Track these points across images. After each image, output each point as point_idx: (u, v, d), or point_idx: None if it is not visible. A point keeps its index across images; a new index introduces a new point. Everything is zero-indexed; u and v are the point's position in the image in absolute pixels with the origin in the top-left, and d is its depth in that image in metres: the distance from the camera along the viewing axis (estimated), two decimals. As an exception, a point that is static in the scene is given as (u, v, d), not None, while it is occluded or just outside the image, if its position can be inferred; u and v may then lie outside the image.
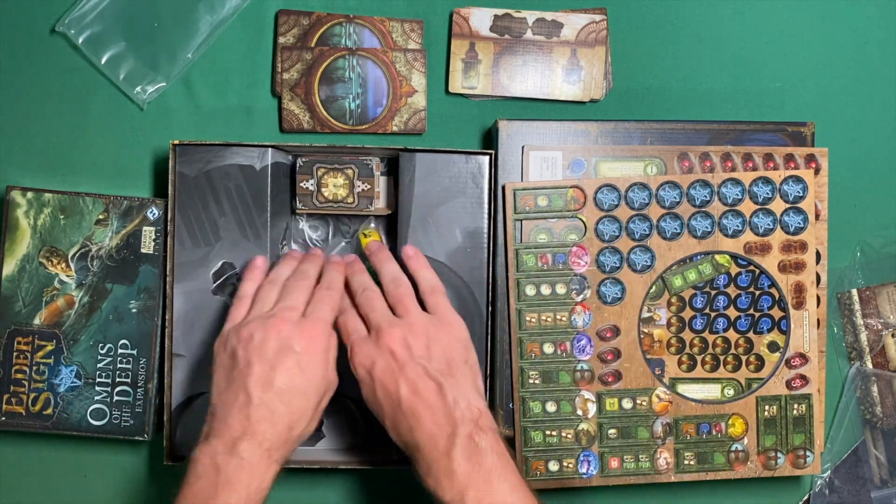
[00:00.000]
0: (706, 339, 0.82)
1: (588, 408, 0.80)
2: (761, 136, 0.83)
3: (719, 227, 0.80)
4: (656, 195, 0.80)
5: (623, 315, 0.80)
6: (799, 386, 0.81)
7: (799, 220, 0.80)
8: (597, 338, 0.80)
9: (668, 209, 0.80)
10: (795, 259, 0.80)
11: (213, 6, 0.86)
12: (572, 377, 0.80)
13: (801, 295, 0.81)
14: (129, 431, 0.82)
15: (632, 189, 0.80)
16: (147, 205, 0.83)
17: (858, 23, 0.88)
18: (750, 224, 0.80)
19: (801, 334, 0.81)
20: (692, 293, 0.82)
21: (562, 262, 0.79)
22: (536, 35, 0.86)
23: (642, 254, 0.80)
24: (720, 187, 0.80)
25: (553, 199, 0.79)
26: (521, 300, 0.79)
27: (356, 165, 0.82)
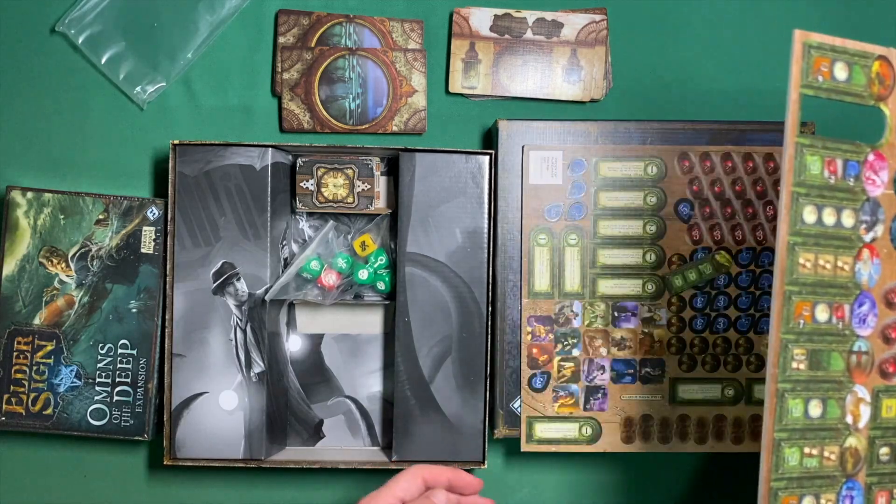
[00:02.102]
0: (706, 339, 0.82)
1: (861, 412, 0.54)
2: (761, 136, 0.83)
3: None
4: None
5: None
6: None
7: None
8: (882, 301, 0.54)
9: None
10: None
11: (213, 6, 0.86)
12: (847, 362, 0.53)
13: None
14: (129, 431, 0.82)
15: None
16: (147, 205, 0.83)
17: (858, 23, 0.88)
18: None
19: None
20: (692, 293, 0.82)
21: (853, 175, 0.55)
22: (536, 35, 0.86)
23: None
24: None
25: (854, 73, 0.56)
26: (797, 230, 0.52)
27: (356, 165, 0.82)
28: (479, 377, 0.81)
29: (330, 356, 0.86)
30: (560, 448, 0.82)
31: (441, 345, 0.80)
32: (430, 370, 0.80)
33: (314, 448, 0.85)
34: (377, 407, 0.86)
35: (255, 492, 0.87)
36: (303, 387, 0.86)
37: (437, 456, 0.80)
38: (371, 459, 0.82)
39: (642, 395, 0.82)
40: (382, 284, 0.83)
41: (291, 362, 0.86)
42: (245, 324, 0.80)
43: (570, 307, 0.82)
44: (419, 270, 0.80)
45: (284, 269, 0.82)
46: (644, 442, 0.83)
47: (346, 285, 0.83)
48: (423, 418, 0.80)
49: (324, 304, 0.83)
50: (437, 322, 0.80)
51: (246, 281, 0.80)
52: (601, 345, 0.82)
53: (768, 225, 0.82)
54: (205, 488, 0.87)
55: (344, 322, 0.86)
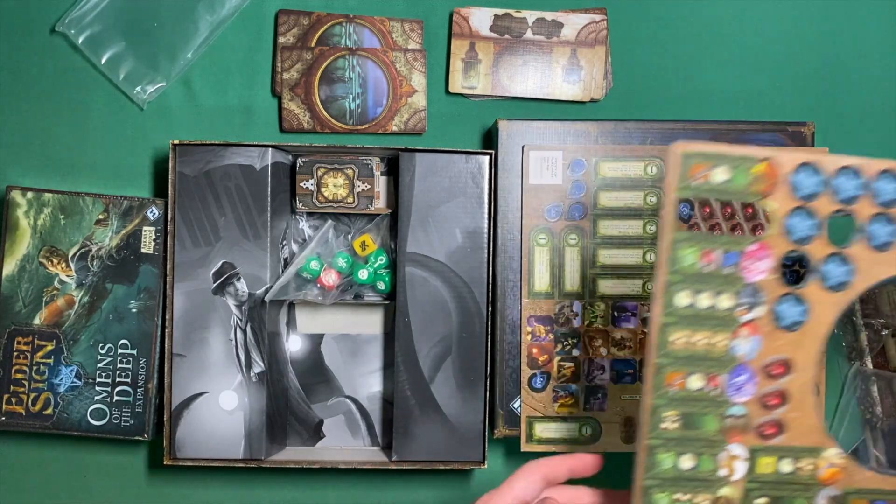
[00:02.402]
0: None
1: (735, 467, 0.59)
2: (761, 136, 0.83)
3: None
4: (871, 186, 0.58)
5: (801, 346, 0.58)
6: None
7: None
8: (762, 373, 0.59)
9: (883, 207, 0.58)
10: None
11: (213, 6, 0.86)
12: (720, 424, 0.59)
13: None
14: (129, 431, 0.82)
15: (841, 174, 0.58)
16: (147, 205, 0.83)
17: (858, 23, 0.88)
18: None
19: None
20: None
21: (732, 263, 0.59)
22: (536, 35, 0.86)
23: (840, 265, 0.59)
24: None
25: (735, 175, 0.58)
26: (670, 311, 0.58)
27: (356, 165, 0.82)
28: (479, 377, 0.81)
29: (330, 356, 0.86)
30: (560, 448, 0.82)
31: (441, 345, 0.80)
32: (430, 370, 0.80)
33: (314, 448, 0.85)
34: (377, 407, 0.86)
35: (255, 492, 0.87)
36: (303, 387, 0.86)
37: (437, 456, 0.80)
38: (371, 459, 0.82)
39: (642, 395, 0.82)
40: (382, 284, 0.83)
41: (291, 362, 0.86)
42: (245, 324, 0.80)
43: (570, 307, 0.82)
44: (419, 270, 0.80)
45: (284, 269, 0.82)
46: (644, 442, 0.83)
47: (346, 285, 0.83)
48: (423, 418, 0.80)
49: (324, 303, 0.83)
50: (437, 322, 0.80)
51: (246, 281, 0.80)
52: (601, 345, 0.82)
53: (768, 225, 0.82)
54: (205, 488, 0.87)
55: (344, 322, 0.86)
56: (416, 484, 0.87)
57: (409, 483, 0.87)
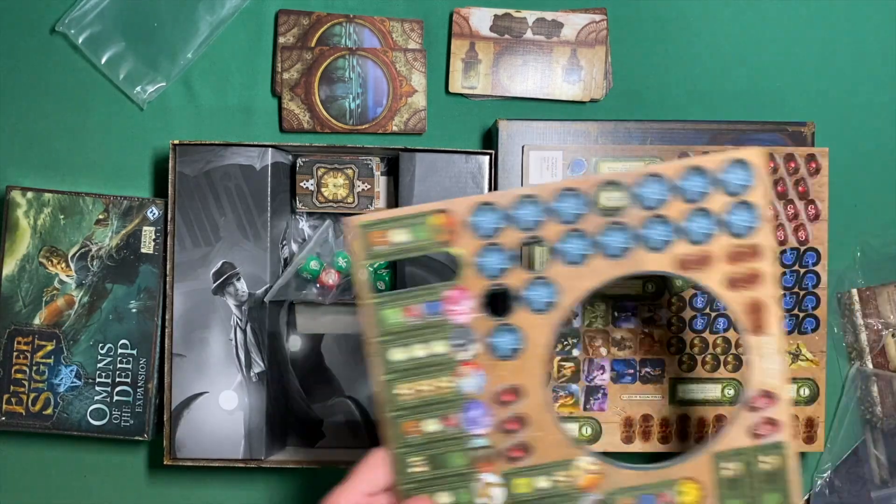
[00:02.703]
0: (706, 339, 0.82)
1: (492, 494, 0.62)
2: (761, 136, 0.83)
3: (640, 240, 0.62)
4: (551, 209, 0.62)
5: (525, 370, 0.61)
6: (767, 433, 0.62)
7: (747, 218, 0.61)
8: (494, 404, 0.62)
9: (568, 224, 0.62)
10: (748, 270, 0.62)
11: (213, 6, 0.86)
12: (468, 458, 0.62)
13: (760, 316, 0.62)
14: (129, 431, 0.82)
15: (519, 205, 0.62)
16: (147, 205, 0.83)
17: (858, 23, 0.88)
18: (681, 231, 0.62)
19: (766, 367, 0.62)
20: (692, 293, 0.82)
21: (435, 311, 0.61)
22: (536, 35, 0.86)
23: (541, 288, 0.62)
24: (633, 188, 0.62)
25: (415, 231, 0.61)
26: (389, 370, 0.61)
27: (356, 165, 0.82)
28: (479, 377, 0.81)
29: (330, 356, 0.86)
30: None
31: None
32: (430, 370, 0.80)
33: (314, 448, 0.85)
34: (377, 407, 0.86)
35: (255, 492, 0.87)
36: (303, 387, 0.86)
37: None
38: (371, 459, 0.82)
39: (642, 395, 0.82)
40: (382, 284, 0.83)
41: (291, 362, 0.86)
42: (245, 324, 0.80)
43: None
44: (419, 270, 0.80)
45: (284, 269, 0.82)
46: (644, 442, 0.83)
47: (346, 285, 0.83)
48: (423, 418, 0.80)
49: (324, 303, 0.83)
50: (437, 322, 0.80)
51: (246, 281, 0.80)
52: (601, 345, 0.82)
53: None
54: (205, 488, 0.87)
55: (344, 322, 0.86)
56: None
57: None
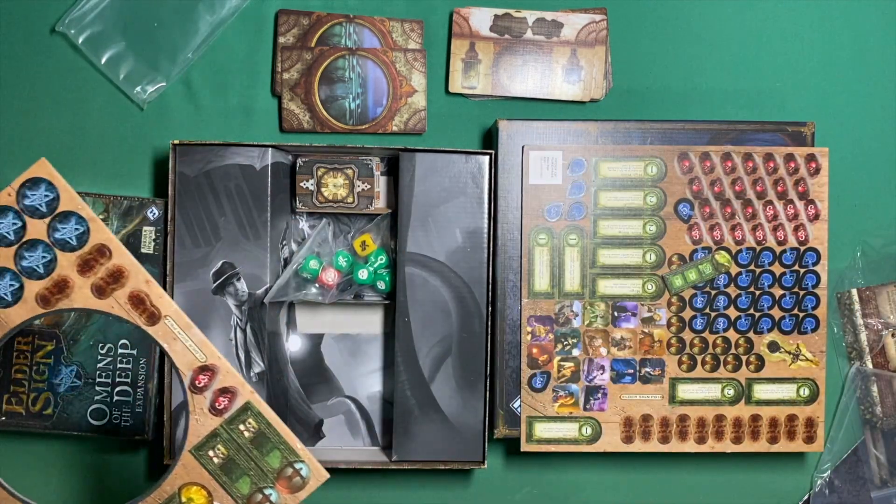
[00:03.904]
0: (706, 339, 0.82)
1: None
2: (761, 136, 0.83)
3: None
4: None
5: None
6: (228, 403, 0.62)
7: (74, 225, 0.61)
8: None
9: None
10: (107, 271, 0.61)
11: (213, 6, 0.86)
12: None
13: (146, 305, 0.62)
14: (129, 431, 0.82)
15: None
16: (147, 205, 0.83)
17: (858, 23, 0.88)
18: (23, 272, 0.61)
19: (182, 346, 0.61)
20: (692, 293, 0.82)
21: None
22: (536, 35, 0.86)
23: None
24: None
25: None
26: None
27: (356, 165, 0.82)
28: (479, 377, 0.81)
29: (330, 356, 0.86)
30: (560, 448, 0.82)
31: (441, 345, 0.80)
32: (430, 370, 0.80)
33: (314, 448, 0.85)
34: (377, 407, 0.86)
35: (255, 492, 0.87)
36: (303, 387, 0.86)
37: (438, 456, 0.80)
38: (371, 459, 0.82)
39: (642, 395, 0.82)
40: (382, 284, 0.83)
41: (291, 362, 0.86)
42: (245, 324, 0.80)
43: (570, 307, 0.82)
44: (419, 270, 0.80)
45: (284, 268, 0.82)
46: (644, 442, 0.83)
47: (346, 284, 0.83)
48: (423, 418, 0.80)
49: (323, 302, 0.83)
50: (437, 322, 0.80)
51: (246, 281, 0.80)
52: (601, 345, 0.82)
53: (768, 225, 0.82)
54: (205, 488, 0.87)
55: (344, 322, 0.86)
56: (416, 484, 0.87)
57: (409, 483, 0.87)
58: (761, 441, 0.82)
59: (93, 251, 0.61)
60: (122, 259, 0.61)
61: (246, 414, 0.61)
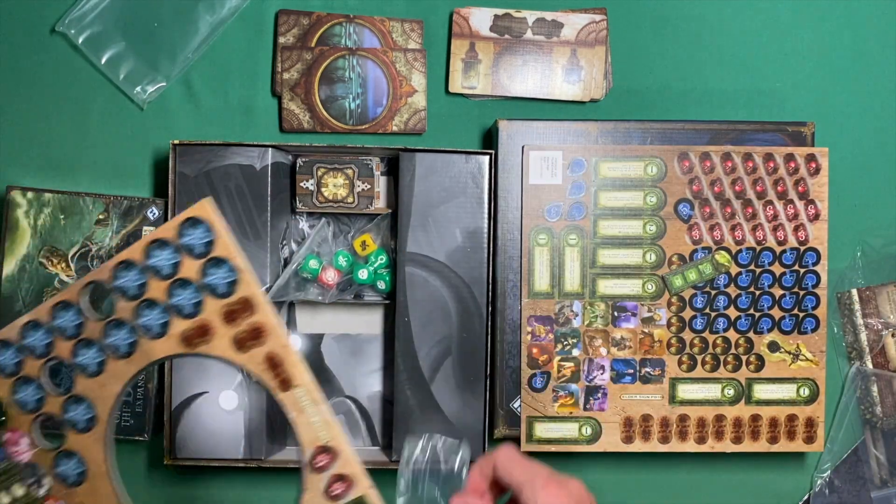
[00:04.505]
0: (706, 339, 0.82)
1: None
2: (761, 136, 0.83)
3: (140, 330, 0.61)
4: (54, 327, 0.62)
5: (98, 491, 0.62)
6: (343, 490, 0.59)
7: (224, 274, 0.60)
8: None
9: (74, 337, 0.62)
10: (248, 325, 0.60)
11: (213, 6, 0.86)
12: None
13: (281, 369, 0.60)
14: (129, 431, 0.82)
15: (26, 334, 0.63)
16: (147, 205, 0.83)
17: (858, 23, 0.88)
18: (172, 308, 0.61)
19: (308, 421, 0.60)
20: (692, 293, 0.82)
21: (1, 458, 0.63)
22: (536, 35, 0.86)
23: (77, 406, 0.62)
24: (115, 280, 0.62)
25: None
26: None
27: (356, 165, 0.82)
28: (479, 377, 0.81)
29: (330, 356, 0.86)
30: (560, 448, 0.82)
31: (441, 345, 0.80)
32: (430, 370, 0.80)
33: (314, 448, 0.85)
34: (377, 407, 0.86)
35: (255, 492, 0.87)
36: (303, 387, 0.86)
37: (437, 456, 0.80)
38: (371, 459, 0.82)
39: (642, 395, 0.82)
40: (383, 284, 0.83)
41: (291, 362, 0.86)
42: (245, 324, 0.80)
43: (570, 307, 0.82)
44: (419, 270, 0.80)
45: (284, 269, 0.82)
46: (644, 442, 0.83)
47: (346, 284, 0.83)
48: (423, 418, 0.80)
49: (323, 302, 0.83)
50: (437, 322, 0.80)
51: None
52: (601, 345, 0.82)
53: (768, 225, 0.82)
54: (205, 488, 0.87)
55: (344, 322, 0.86)
56: (416, 484, 0.87)
57: (409, 483, 0.87)
58: (761, 441, 0.82)
59: (239, 302, 0.60)
60: (266, 317, 0.59)
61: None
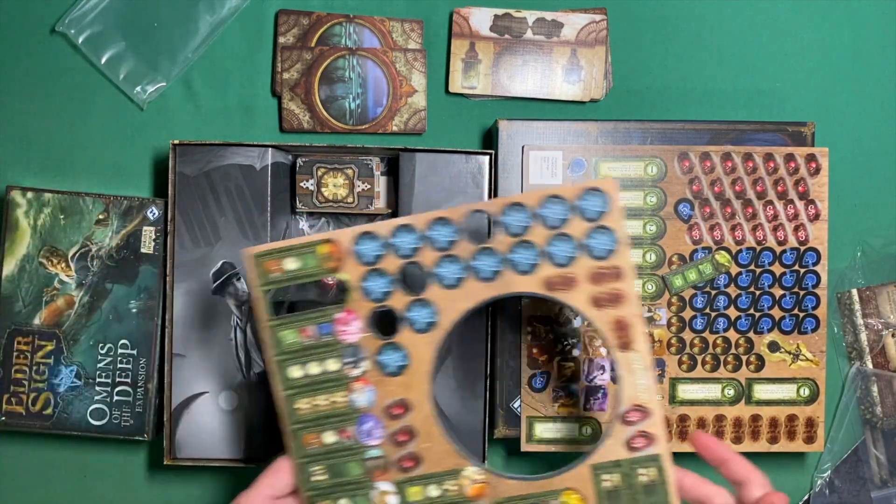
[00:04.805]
0: (706, 339, 0.82)
1: (387, 501, 0.67)
2: (761, 136, 0.83)
3: (509, 264, 0.67)
4: (426, 237, 0.67)
5: (412, 385, 0.67)
6: (643, 446, 0.65)
7: (607, 241, 0.66)
8: (385, 417, 0.67)
9: (443, 251, 0.67)
10: (610, 290, 0.66)
11: (213, 6, 0.86)
12: (364, 467, 0.67)
13: (626, 333, 0.66)
14: (129, 431, 0.82)
15: (396, 234, 0.67)
16: (147, 205, 0.83)
17: (858, 23, 0.88)
18: (546, 255, 0.67)
19: (635, 382, 0.66)
20: (692, 293, 0.82)
21: (327, 332, 0.67)
22: (536, 35, 0.86)
23: (422, 309, 0.67)
24: (501, 217, 0.67)
25: (305, 260, 0.67)
26: (288, 386, 0.67)
27: (356, 165, 0.82)
28: (479, 377, 0.81)
29: (330, 356, 0.86)
30: (560, 448, 0.82)
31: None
32: (430, 370, 0.80)
33: (314, 448, 0.85)
34: (377, 407, 0.86)
35: (255, 492, 0.87)
36: (303, 387, 0.86)
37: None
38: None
39: (642, 395, 0.82)
40: (382, 284, 0.83)
41: (291, 362, 0.86)
42: (245, 324, 0.80)
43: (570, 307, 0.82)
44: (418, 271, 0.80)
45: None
46: (644, 442, 0.83)
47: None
48: (423, 418, 0.80)
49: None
50: (437, 322, 0.80)
51: (246, 281, 0.80)
52: (601, 345, 0.82)
53: (768, 225, 0.82)
54: (205, 488, 0.87)
55: (344, 322, 0.86)
56: (416, 484, 0.87)
57: (409, 483, 0.87)
58: (761, 441, 0.82)
59: (610, 268, 0.66)
60: (629, 288, 0.66)
61: (651, 462, 0.65)
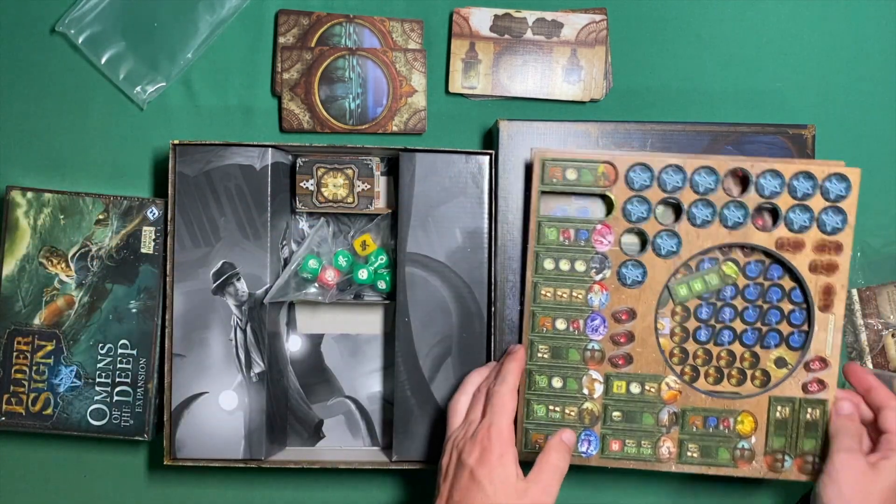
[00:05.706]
0: (710, 351, 0.79)
1: (595, 388, 0.78)
2: (762, 138, 0.83)
3: (752, 218, 0.77)
4: (691, 179, 0.76)
5: (641, 299, 0.77)
6: (816, 391, 0.77)
7: (838, 221, 0.76)
8: (612, 319, 0.78)
9: (701, 195, 0.77)
10: (828, 260, 0.77)
11: (213, 6, 0.86)
12: (582, 356, 0.78)
13: (830, 297, 0.77)
14: (129, 431, 0.82)
15: (666, 171, 0.76)
16: (147, 205, 0.83)
17: (859, 23, 0.88)
18: (785, 219, 0.77)
19: (825, 338, 0.77)
20: (697, 303, 0.79)
21: (584, 238, 0.77)
22: (536, 35, 0.86)
23: (669, 238, 0.77)
24: (759, 178, 0.76)
25: (583, 174, 0.77)
26: (539, 273, 0.78)
27: (356, 165, 0.82)
28: (479, 377, 0.81)
29: (330, 356, 0.86)
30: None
31: (441, 345, 0.80)
32: (430, 370, 0.80)
33: (314, 448, 0.85)
34: (377, 407, 0.86)
35: (255, 492, 0.87)
36: (303, 387, 0.86)
37: (438, 456, 0.80)
38: (371, 459, 0.82)
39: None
40: (383, 284, 0.83)
41: (291, 362, 0.86)
42: (245, 324, 0.80)
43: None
44: (419, 270, 0.80)
45: (284, 268, 0.82)
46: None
47: (346, 284, 0.83)
48: (423, 418, 0.80)
49: (323, 302, 0.83)
50: (437, 322, 0.80)
51: (246, 281, 0.80)
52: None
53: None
54: (205, 488, 0.87)
55: (344, 322, 0.86)
56: (415, 484, 0.87)
57: (409, 483, 0.87)
58: None
59: (833, 243, 0.77)
60: (845, 261, 0.77)
61: (818, 405, 0.77)
